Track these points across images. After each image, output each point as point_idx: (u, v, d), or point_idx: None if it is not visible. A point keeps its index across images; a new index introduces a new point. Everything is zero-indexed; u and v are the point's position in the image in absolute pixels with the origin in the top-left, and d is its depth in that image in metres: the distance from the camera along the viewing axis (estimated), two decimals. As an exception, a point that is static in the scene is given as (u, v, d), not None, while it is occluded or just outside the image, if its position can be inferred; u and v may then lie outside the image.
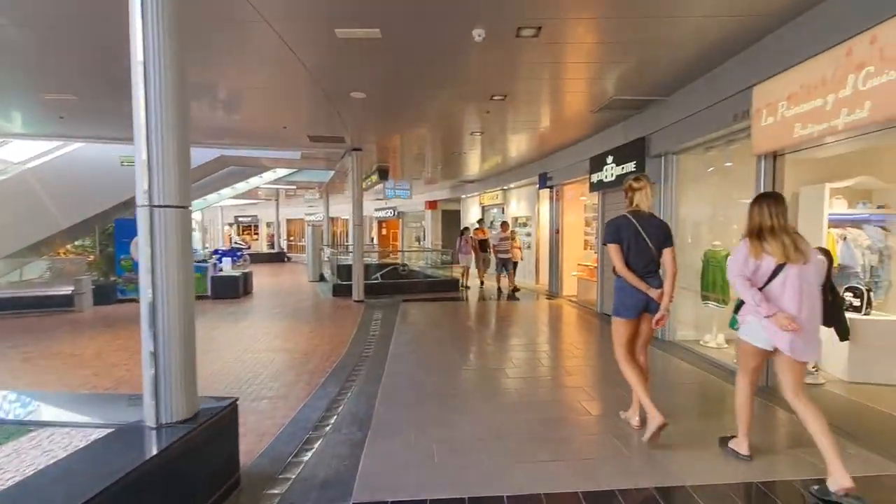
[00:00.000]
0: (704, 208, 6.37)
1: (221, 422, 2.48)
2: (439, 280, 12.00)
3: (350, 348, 5.90)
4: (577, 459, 2.97)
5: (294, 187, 17.75)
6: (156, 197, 2.22)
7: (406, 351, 5.80)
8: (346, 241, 28.51)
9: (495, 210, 16.09)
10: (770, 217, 2.65)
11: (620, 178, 7.09)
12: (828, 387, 4.42)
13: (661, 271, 3.26)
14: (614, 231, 3.23)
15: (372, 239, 27.01)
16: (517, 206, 14.11)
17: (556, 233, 10.39)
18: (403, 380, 4.62)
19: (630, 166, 6.80)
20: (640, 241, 3.16)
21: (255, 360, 5.40)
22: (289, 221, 31.32)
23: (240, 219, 32.64)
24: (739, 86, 4.53)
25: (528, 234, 13.25)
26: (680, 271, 3.32)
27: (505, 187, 14.21)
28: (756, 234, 2.67)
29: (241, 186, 14.41)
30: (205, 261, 10.61)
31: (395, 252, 19.44)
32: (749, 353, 2.82)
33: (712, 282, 5.89)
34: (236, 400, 2.64)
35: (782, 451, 3.12)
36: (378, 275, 13.44)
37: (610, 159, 7.40)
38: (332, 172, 13.17)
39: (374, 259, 16.58)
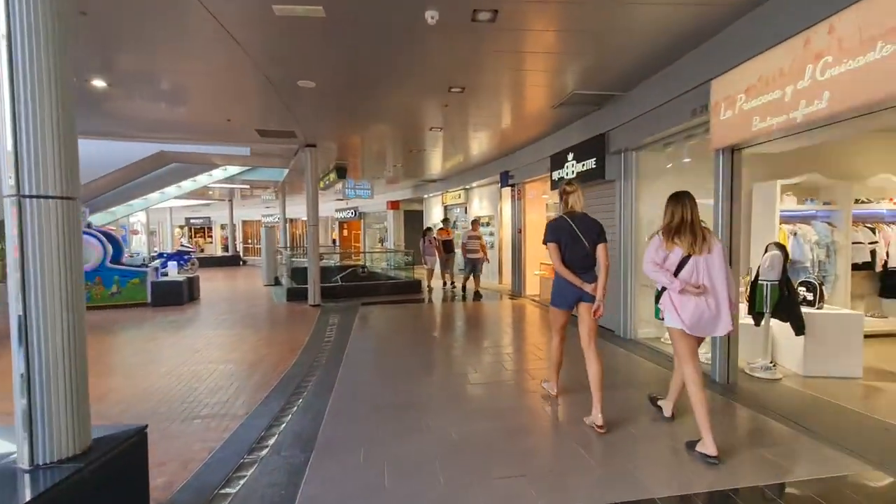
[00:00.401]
0: (663, 203, 6.36)
1: (123, 456, 2.07)
2: (401, 282, 11.64)
3: (300, 357, 5.48)
4: (540, 473, 2.73)
5: (248, 187, 16.86)
6: (28, 185, 1.80)
7: (361, 359, 5.44)
8: (305, 243, 27.69)
9: (458, 210, 15.90)
10: (683, 213, 3.02)
11: (582, 175, 7.01)
12: (785, 381, 4.43)
13: (596, 267, 3.60)
14: (553, 231, 3.55)
15: (334, 241, 26.26)
16: (480, 206, 13.95)
17: (518, 232, 10.27)
18: (356, 391, 4.27)
19: (590, 163, 6.72)
20: (576, 240, 3.48)
21: (192, 373, 4.89)
22: (245, 223, 30.02)
23: (192, 220, 31.00)
24: (698, 80, 4.47)
25: (492, 234, 13.11)
26: (640, 269, 3.57)
27: (467, 186, 14.02)
28: (671, 228, 3.02)
29: (188, 185, 13.52)
30: (145, 265, 9.79)
31: (357, 254, 18.89)
32: (679, 338, 3.03)
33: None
34: (145, 428, 2.23)
35: (747, 450, 3.02)
36: (338, 277, 12.95)
37: (570, 156, 7.31)
38: (286, 171, 12.56)
39: (334, 261, 16.01)
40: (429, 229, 11.24)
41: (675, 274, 2.94)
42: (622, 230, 6.34)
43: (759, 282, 4.66)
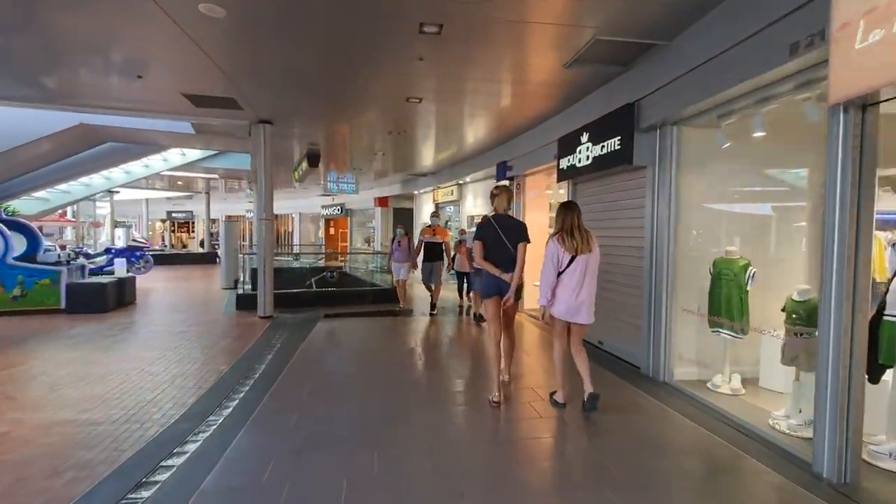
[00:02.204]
0: (716, 201, 4.71)
1: None
2: (379, 289, 10.00)
3: (191, 408, 3.81)
4: None
5: (216, 176, 15.20)
6: None
7: (281, 412, 3.77)
8: (293, 242, 25.98)
9: (450, 208, 14.25)
10: (572, 219, 3.72)
11: (600, 162, 5.35)
12: None
13: None
14: (479, 230, 4.03)
15: (321, 239, 24.62)
16: (474, 204, 12.30)
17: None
18: (246, 476, 2.61)
19: (612, 144, 5.06)
20: (499, 239, 3.90)
21: (19, 438, 3.23)
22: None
23: (173, 214, 29.32)
24: (802, -4, 2.82)
25: (486, 236, 11.46)
26: (681, 288, 4.42)
27: (460, 181, 12.38)
28: (563, 231, 3.71)
29: (140, 171, 11.86)
30: (60, 262, 8.11)
31: (343, 254, 17.13)
32: (556, 321, 3.78)
33: (725, 302, 4.22)
34: None
35: None
36: (312, 280, 11.31)
37: (585, 137, 5.65)
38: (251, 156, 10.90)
39: (310, 262, 14.38)
40: (403, 227, 8.86)
41: (563, 271, 3.62)
42: (654, 234, 4.68)
43: (886, 318, 3.00)
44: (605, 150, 5.21)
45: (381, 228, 17.83)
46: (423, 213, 15.60)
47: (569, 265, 3.59)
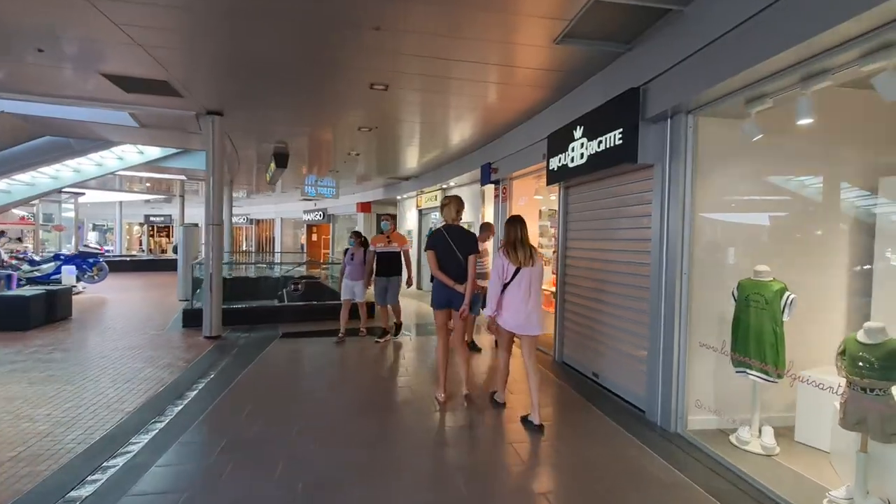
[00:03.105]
0: (743, 209, 3.84)
1: None
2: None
3: (53, 477, 2.82)
4: None
5: (184, 178, 14.17)
6: None
7: (172, 493, 2.80)
8: (274, 248, 24.90)
9: (435, 215, 13.34)
10: (519, 233, 3.75)
11: (596, 160, 4.47)
12: None
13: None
14: (430, 240, 4.07)
15: (302, 245, 23.57)
16: (459, 210, 11.38)
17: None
18: None
19: (612, 138, 4.18)
20: (450, 250, 3.96)
21: None
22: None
23: (151, 218, 28.14)
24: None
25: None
26: (698, 317, 3.62)
27: (444, 185, 11.48)
28: (508, 244, 3.74)
29: (92, 170, 10.79)
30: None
31: (324, 261, 16.06)
32: (504, 333, 3.82)
33: (755, 337, 3.33)
34: None
35: None
36: (283, 291, 10.31)
37: (579, 132, 4.77)
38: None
39: (287, 270, 13.38)
40: (356, 234, 6.82)
41: (510, 282, 3.67)
42: (664, 249, 3.79)
43: None
44: (603, 147, 4.33)
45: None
46: (408, 220, 14.69)
47: (513, 277, 3.68)
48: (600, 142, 4.37)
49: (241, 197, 22.20)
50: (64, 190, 17.34)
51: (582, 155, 4.71)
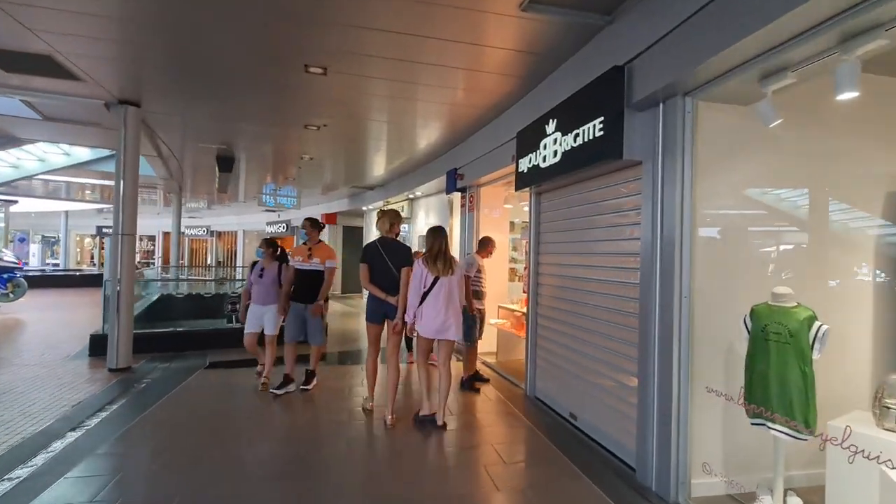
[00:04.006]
0: (759, 217, 3.11)
1: None
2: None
3: None
4: None
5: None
6: None
7: None
8: (236, 263, 23.47)
9: (405, 227, 12.48)
10: (440, 244, 3.91)
11: (572, 158, 3.71)
12: None
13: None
14: (364, 253, 4.10)
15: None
16: (426, 222, 10.57)
17: (467, 255, 6.87)
18: None
19: (592, 130, 3.42)
20: (383, 263, 3.98)
21: None
22: (166, 235, 25.57)
23: (104, 230, 26.28)
24: None
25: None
26: (702, 353, 2.86)
27: (411, 195, 10.67)
28: (429, 254, 3.86)
29: (6, 172, 9.49)
30: None
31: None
32: (421, 340, 3.95)
33: (776, 378, 2.56)
34: None
35: None
36: (230, 308, 9.18)
37: (552, 126, 4.02)
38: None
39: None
40: (270, 242, 5.14)
41: (429, 290, 3.78)
42: (656, 264, 3.02)
43: None
44: (580, 141, 3.57)
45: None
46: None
47: (432, 286, 3.78)
48: (577, 135, 3.61)
49: (202, 208, 20.86)
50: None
51: (555, 153, 3.95)
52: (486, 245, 5.37)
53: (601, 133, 3.31)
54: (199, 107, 5.86)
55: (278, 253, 5.07)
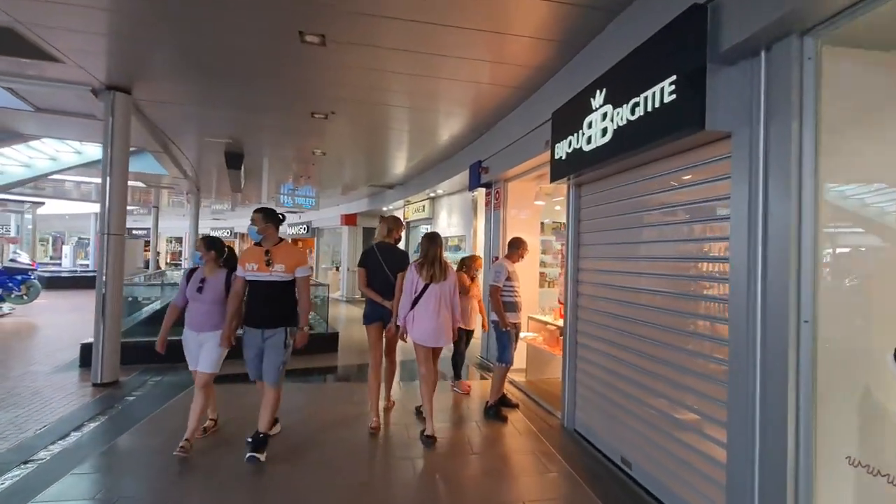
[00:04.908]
0: None
1: None
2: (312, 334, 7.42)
3: None
4: None
5: (141, 184, 12.67)
6: None
7: None
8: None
9: (425, 227, 11.79)
10: (434, 251, 3.78)
11: (630, 135, 2.88)
12: None
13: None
14: (362, 258, 4.05)
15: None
16: (448, 223, 9.85)
17: (494, 261, 6.07)
18: None
19: (659, 94, 2.59)
20: (379, 268, 3.93)
21: None
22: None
23: (133, 231, 26.69)
24: None
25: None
26: (835, 406, 1.94)
27: (432, 193, 9.96)
28: (423, 259, 3.77)
29: (18, 172, 9.29)
30: None
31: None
32: (417, 347, 3.75)
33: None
34: None
35: None
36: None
37: (599, 97, 3.20)
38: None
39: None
40: (210, 239, 3.54)
41: (420, 295, 3.68)
42: (757, 274, 2.16)
43: None
44: (640, 112, 2.74)
45: (347, 251, 15.28)
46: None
47: (423, 292, 3.71)
48: (635, 105, 2.78)
49: (226, 209, 20.76)
50: (22, 199, 15.99)
51: (604, 131, 3.13)
52: (516, 247, 4.57)
53: (672, 98, 2.48)
54: (196, 94, 5.30)
55: (225, 256, 3.52)
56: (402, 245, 4.34)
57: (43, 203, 15.38)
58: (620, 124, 2.95)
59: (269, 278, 3.28)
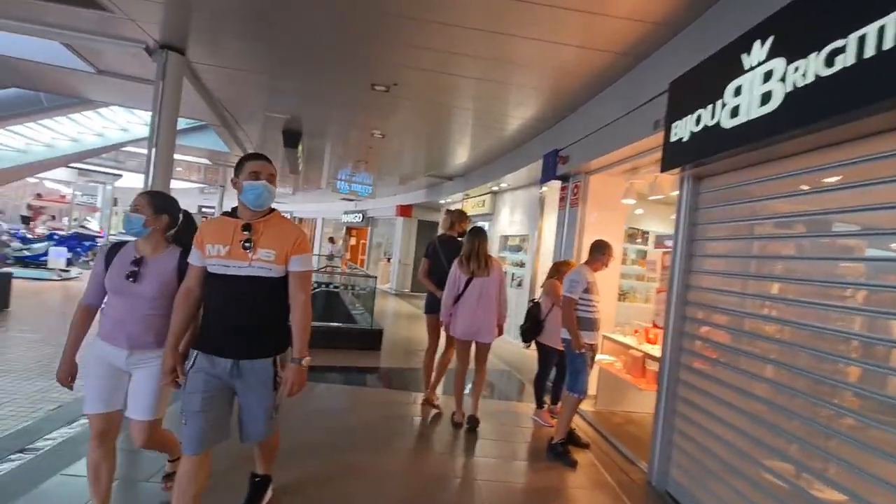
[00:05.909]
0: None
1: None
2: (351, 330, 6.95)
3: None
4: None
5: (209, 162, 12.82)
6: None
7: None
8: (313, 251, 23.64)
9: (484, 224, 11.03)
10: (478, 245, 3.84)
11: (826, 97, 1.94)
12: None
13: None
14: (426, 249, 4.38)
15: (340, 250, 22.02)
16: (510, 221, 9.04)
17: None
18: None
19: (877, 32, 1.66)
20: (438, 259, 4.22)
21: None
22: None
23: (203, 209, 28.06)
24: None
25: (521, 265, 8.18)
26: None
27: (494, 187, 9.17)
28: (466, 254, 3.84)
29: (93, 140, 9.50)
30: None
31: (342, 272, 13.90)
32: (457, 341, 3.90)
33: None
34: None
35: None
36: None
37: (760, 52, 2.28)
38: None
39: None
40: (162, 196, 2.17)
41: (464, 290, 3.79)
42: None
43: None
44: (844, 62, 1.82)
45: (400, 243, 14.84)
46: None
47: (466, 287, 3.77)
48: (833, 53, 1.86)
49: (288, 193, 21.07)
50: (103, 170, 16.95)
51: (768, 96, 2.21)
52: (601, 251, 3.71)
53: (921, 32, 1.55)
54: (254, 57, 4.87)
55: (178, 226, 2.19)
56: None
57: (121, 175, 16.18)
58: (800, 84, 2.03)
59: (248, 272, 1.90)
